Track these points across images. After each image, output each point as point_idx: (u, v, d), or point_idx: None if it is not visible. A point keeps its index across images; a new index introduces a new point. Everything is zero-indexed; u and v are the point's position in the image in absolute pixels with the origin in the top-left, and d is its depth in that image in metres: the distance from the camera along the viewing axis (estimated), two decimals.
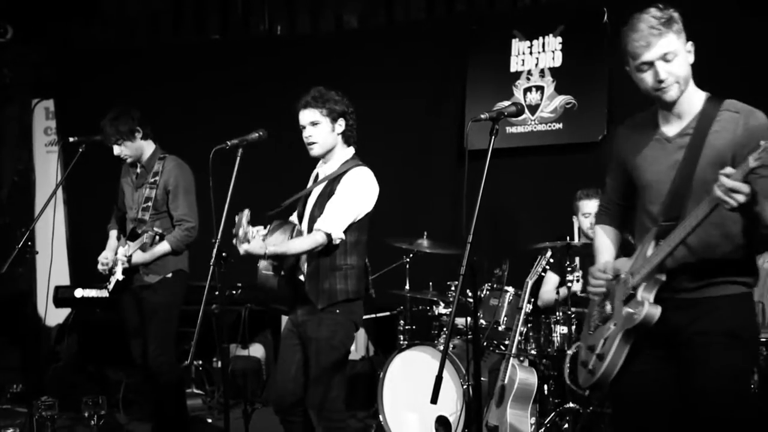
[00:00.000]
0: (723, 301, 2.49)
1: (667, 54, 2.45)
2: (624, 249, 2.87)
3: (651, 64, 2.47)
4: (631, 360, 2.55)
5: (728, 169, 2.21)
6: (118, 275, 4.27)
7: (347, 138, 3.64)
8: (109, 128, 4.36)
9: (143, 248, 4.20)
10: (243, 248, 3.34)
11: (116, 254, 4.37)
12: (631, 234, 2.89)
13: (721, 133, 2.47)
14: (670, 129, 2.59)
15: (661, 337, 2.52)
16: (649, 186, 2.62)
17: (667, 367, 2.56)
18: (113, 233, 4.70)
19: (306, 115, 3.57)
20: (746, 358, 2.58)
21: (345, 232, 3.47)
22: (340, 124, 3.58)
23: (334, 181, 3.56)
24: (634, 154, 2.67)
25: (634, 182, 2.71)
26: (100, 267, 4.47)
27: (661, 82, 2.47)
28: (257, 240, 3.36)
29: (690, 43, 2.52)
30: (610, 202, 2.88)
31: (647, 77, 2.50)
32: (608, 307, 2.67)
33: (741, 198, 2.19)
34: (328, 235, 3.43)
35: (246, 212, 3.34)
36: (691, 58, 2.52)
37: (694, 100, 2.56)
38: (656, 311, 2.46)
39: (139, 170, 4.51)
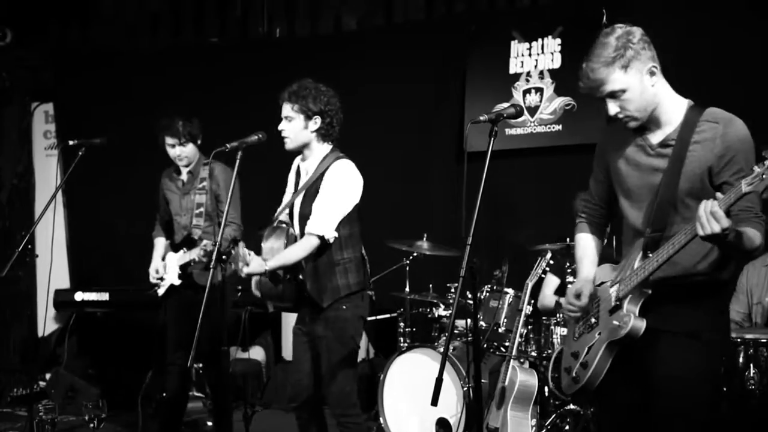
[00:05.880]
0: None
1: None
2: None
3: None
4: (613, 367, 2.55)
5: (719, 195, 2.20)
6: (174, 280, 4.42)
7: (323, 136, 3.58)
8: (182, 128, 4.36)
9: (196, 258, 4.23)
10: (245, 271, 3.37)
11: (164, 260, 4.49)
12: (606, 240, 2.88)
13: (701, 144, 2.46)
14: (654, 136, 2.58)
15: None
16: (630, 191, 2.62)
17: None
18: (160, 241, 4.70)
19: (283, 109, 3.56)
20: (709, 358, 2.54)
21: (337, 227, 3.47)
22: (315, 122, 3.53)
23: (317, 179, 3.54)
24: (616, 156, 2.68)
25: (613, 186, 2.72)
26: (152, 278, 4.51)
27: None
28: (255, 259, 3.37)
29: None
30: (594, 208, 2.87)
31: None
32: (593, 316, 2.66)
33: (716, 227, 2.17)
34: (321, 237, 3.44)
35: (241, 245, 3.37)
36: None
37: (676, 108, 2.55)
38: (642, 324, 2.46)
39: (185, 176, 4.52)
